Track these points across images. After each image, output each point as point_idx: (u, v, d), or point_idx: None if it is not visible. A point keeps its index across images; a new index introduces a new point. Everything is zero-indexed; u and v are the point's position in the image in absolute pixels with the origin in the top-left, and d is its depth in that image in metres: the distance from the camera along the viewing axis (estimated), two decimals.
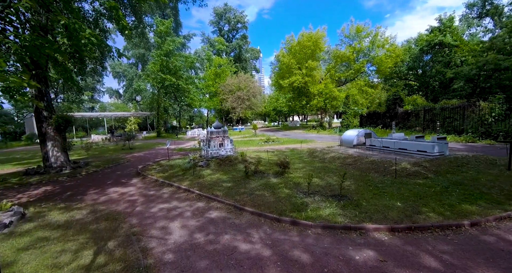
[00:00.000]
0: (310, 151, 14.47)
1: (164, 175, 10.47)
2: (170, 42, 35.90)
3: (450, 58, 37.43)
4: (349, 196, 6.74)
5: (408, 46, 42.70)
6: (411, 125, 25.73)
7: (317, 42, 36.14)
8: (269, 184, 8.26)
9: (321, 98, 35.91)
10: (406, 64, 46.26)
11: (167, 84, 36.42)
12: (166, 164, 13.14)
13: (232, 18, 75.27)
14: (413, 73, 48.36)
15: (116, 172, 12.34)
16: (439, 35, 37.90)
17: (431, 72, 45.33)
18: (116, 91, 75.61)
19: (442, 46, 38.57)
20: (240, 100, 49.59)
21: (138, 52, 53.83)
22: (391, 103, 28.85)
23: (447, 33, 38.09)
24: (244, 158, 11.86)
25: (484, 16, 46.25)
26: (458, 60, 36.84)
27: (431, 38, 38.69)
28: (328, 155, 12.46)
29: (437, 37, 37.72)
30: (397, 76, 49.07)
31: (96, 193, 8.65)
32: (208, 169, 10.67)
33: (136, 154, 19.11)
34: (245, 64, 77.23)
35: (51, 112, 12.89)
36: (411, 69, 46.43)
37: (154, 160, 15.57)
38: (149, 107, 47.19)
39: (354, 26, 37.61)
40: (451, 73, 32.87)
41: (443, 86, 40.47)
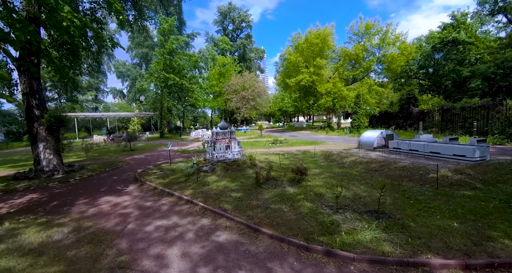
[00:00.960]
0: (325, 154, 13.19)
1: (164, 181, 9.30)
2: (173, 41, 34.89)
3: (464, 56, 35.81)
4: (388, 212, 5.48)
5: (418, 44, 41.06)
6: (427, 126, 24.28)
7: (325, 39, 34.82)
8: (286, 194, 7.03)
9: (330, 98, 34.55)
10: (417, 63, 44.75)
11: (171, 83, 35.40)
12: (167, 168, 11.99)
13: (236, 17, 74.20)
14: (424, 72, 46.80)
15: (113, 177, 11.20)
16: (452, 32, 36.32)
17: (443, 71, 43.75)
18: (120, 91, 75.03)
19: (456, 44, 36.96)
20: (245, 100, 48.40)
21: (141, 51, 53.00)
22: (404, 102, 27.40)
23: (461, 29, 36.48)
24: (253, 162, 10.64)
25: (497, 13, 44.34)
26: (473, 58, 35.21)
27: (444, 35, 37.12)
28: (347, 158, 11.18)
29: (450, 34, 36.15)
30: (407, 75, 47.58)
31: (86, 204, 7.50)
32: (213, 175, 9.48)
33: (136, 156, 18.02)
34: (249, 64, 76.09)
35: (43, 111, 11.82)
36: (422, 67, 44.88)
37: (155, 163, 14.44)
38: (152, 108, 46.30)
39: (363, 23, 36.23)
40: (467, 71, 31.30)
41: (456, 85, 38.85)
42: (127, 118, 49.62)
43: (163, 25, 35.36)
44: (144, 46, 53.06)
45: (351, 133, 28.56)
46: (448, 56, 37.49)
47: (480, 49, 35.14)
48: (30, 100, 11.95)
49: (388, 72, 36.14)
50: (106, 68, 70.96)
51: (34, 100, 12.01)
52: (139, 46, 53.81)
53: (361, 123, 28.93)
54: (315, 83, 34.82)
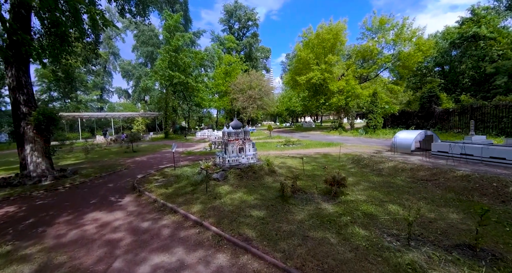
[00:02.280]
0: (353, 157, 11.45)
1: (167, 192, 7.71)
2: (179, 37, 33.50)
3: (485, 52, 33.66)
4: (489, 248, 3.77)
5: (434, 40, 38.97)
6: (452, 126, 22.35)
7: (338, 34, 33.03)
8: (324, 214, 5.37)
9: (342, 96, 32.71)
10: (433, 60, 42.65)
11: (176, 82, 34.01)
12: (171, 174, 10.41)
13: (242, 15, 72.73)
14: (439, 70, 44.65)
15: (108, 184, 9.66)
16: (473, 26, 34.16)
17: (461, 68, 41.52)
18: (125, 91, 74.15)
19: (476, 39, 34.82)
20: (251, 99, 46.72)
21: (146, 50, 51.82)
22: (425, 101, 25.44)
23: (482, 24, 34.31)
24: (272, 168, 8.99)
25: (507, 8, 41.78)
26: (495, 54, 33.04)
27: (464, 30, 35.00)
28: (383, 164, 9.45)
29: (471, 29, 34.02)
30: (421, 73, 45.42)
31: (68, 222, 5.94)
32: (225, 184, 7.85)
33: (138, 159, 16.51)
34: (255, 63, 74.55)
35: (31, 108, 10.35)
36: (438, 65, 42.77)
37: (158, 166, 12.88)
38: (157, 107, 45.02)
39: (377, 18, 34.27)
40: (491, 67, 29.26)
41: (476, 83, 36.68)
42: (131, 118, 48.44)
43: (168, 21, 34.01)
44: (150, 44, 51.90)
45: (368, 134, 26.69)
46: (468, 52, 35.36)
47: (503, 45, 32.99)
48: (17, 95, 10.50)
49: (403, 70, 34.08)
50: (111, 68, 70.20)
51: (22, 96, 10.56)
52: (144, 44, 52.70)
53: (378, 123, 27.04)
54: (326, 81, 33.01)
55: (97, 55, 12.26)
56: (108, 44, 65.08)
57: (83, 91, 58.64)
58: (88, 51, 12.05)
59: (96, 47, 12.02)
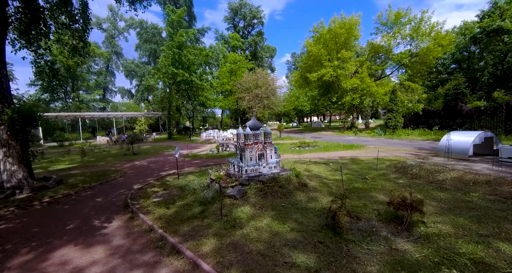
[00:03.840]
0: (395, 164, 9.49)
1: (168, 214, 5.83)
2: (183, 33, 31.71)
3: (510, 46, 31.35)
4: None
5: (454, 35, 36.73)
6: (484, 126, 20.20)
7: (351, 29, 31.00)
8: (407, 261, 3.44)
9: (357, 95, 30.65)
10: (452, 56, 40.39)
11: (179, 80, 32.21)
12: (174, 185, 8.55)
13: (247, 13, 70.90)
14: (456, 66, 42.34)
15: (96, 198, 7.82)
16: (497, 19, 31.84)
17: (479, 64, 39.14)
18: (128, 91, 72.79)
19: (499, 33, 32.51)
20: (258, 98, 44.82)
21: (149, 47, 50.23)
22: (451, 99, 23.29)
23: (506, 17, 31.99)
24: (303, 181, 7.07)
25: None
26: None
27: (486, 24, 32.67)
28: (442, 174, 7.49)
29: (495, 22, 31.68)
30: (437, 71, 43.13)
31: (22, 268, 4.08)
32: (245, 204, 5.95)
33: (138, 163, 14.69)
34: (260, 62, 72.72)
35: (4, 106, 8.55)
36: (456, 61, 40.49)
37: (159, 173, 11.04)
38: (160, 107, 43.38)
39: (393, 11, 32.17)
40: None
41: (499, 80, 34.34)
42: (134, 119, 46.89)
43: (171, 17, 32.27)
44: (153, 42, 50.32)
45: (387, 134, 24.61)
46: (491, 47, 33.08)
47: None
48: None
49: (421, 66, 31.86)
50: (114, 67, 68.94)
51: None
52: (147, 42, 51.11)
53: (398, 123, 24.94)
54: (339, 78, 30.96)
55: (86, 44, 10.43)
56: (111, 43, 63.76)
57: (85, 91, 57.35)
58: (75, 39, 10.25)
59: (84, 34, 10.20)
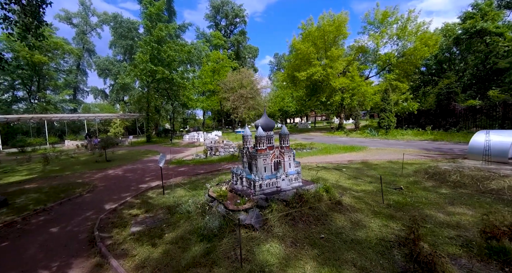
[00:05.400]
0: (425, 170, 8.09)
1: (155, 256, 3.90)
2: (162, 27, 29.21)
3: (492, 47, 32.00)
4: None
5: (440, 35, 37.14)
6: (480, 125, 19.81)
7: (340, 26, 30.17)
8: None
9: (348, 94, 29.79)
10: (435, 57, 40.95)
11: (159, 77, 29.60)
12: (159, 204, 6.55)
13: (230, 11, 69.00)
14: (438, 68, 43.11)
15: (51, 228, 5.65)
16: (480, 21, 32.39)
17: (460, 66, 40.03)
18: (101, 91, 68.02)
19: (481, 35, 33.14)
20: (243, 99, 43.12)
21: (125, 43, 46.71)
22: (443, 98, 22.87)
23: (488, 19, 32.68)
24: (336, 198, 5.38)
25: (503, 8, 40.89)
26: (502, 50, 31.42)
27: (469, 25, 33.15)
28: (495, 181, 6.19)
29: (478, 24, 32.17)
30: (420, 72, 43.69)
31: None
32: (271, 239, 4.14)
33: (111, 172, 12.36)
34: (243, 62, 71.05)
35: None
36: (439, 62, 41.11)
37: (139, 186, 8.92)
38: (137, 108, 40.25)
39: (380, 11, 31.84)
40: (505, 62, 27.36)
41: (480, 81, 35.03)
42: (109, 121, 43.29)
43: (149, 9, 29.68)
44: (129, 37, 46.88)
45: (380, 135, 23.77)
46: (474, 48, 33.63)
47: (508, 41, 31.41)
48: None
49: (408, 66, 31.72)
50: (86, 66, 64.11)
51: None
52: (122, 38, 47.49)
53: (391, 123, 24.20)
54: (329, 77, 29.94)
55: (41, 23, 8.14)
56: (82, 40, 59.22)
57: (52, 90, 52.51)
58: (28, 16, 7.94)
59: (38, 9, 7.92)
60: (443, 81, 24.11)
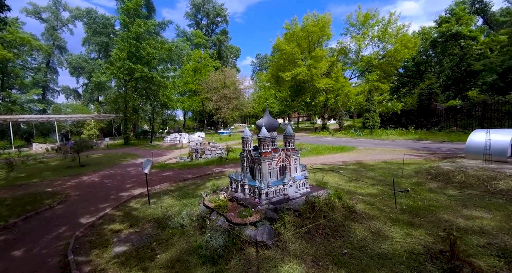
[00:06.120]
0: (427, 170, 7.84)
1: None
2: (140, 22, 27.73)
3: (467, 50, 33.60)
4: None
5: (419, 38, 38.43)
6: (460, 125, 20.45)
7: (324, 28, 30.26)
8: None
9: (331, 95, 29.90)
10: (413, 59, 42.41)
11: (138, 76, 28.03)
12: (145, 216, 5.71)
13: (211, 10, 67.67)
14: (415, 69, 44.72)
15: (12, 252, 4.65)
16: (455, 25, 33.83)
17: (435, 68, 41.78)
18: (74, 90, 63.88)
19: (456, 38, 34.68)
20: (226, 99, 42.22)
21: (100, 40, 44.10)
22: (425, 98, 23.47)
23: (462, 23, 34.22)
24: (349, 204, 4.87)
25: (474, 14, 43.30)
26: (475, 52, 33.08)
27: (445, 28, 34.55)
28: (502, 181, 6.01)
29: (453, 27, 33.57)
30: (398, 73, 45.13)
31: None
32: (288, 258, 3.52)
33: (86, 178, 11.16)
34: (225, 62, 69.92)
35: None
36: (418, 64, 42.63)
37: (119, 195, 7.96)
38: (114, 108, 37.97)
39: (362, 13, 32.34)
40: (480, 65, 28.66)
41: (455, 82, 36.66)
42: (82, 122, 40.59)
43: (127, 3, 28.07)
44: (104, 34, 44.34)
45: (365, 134, 23.97)
46: (449, 50, 35.13)
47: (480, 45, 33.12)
48: None
49: (389, 67, 32.51)
50: (56, 63, 59.90)
51: None
52: (97, 34, 44.81)
53: (376, 123, 24.50)
54: (313, 77, 29.91)
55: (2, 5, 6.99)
56: (52, 36, 55.27)
57: (18, 89, 48.49)
58: None
59: None
60: (424, 82, 24.74)
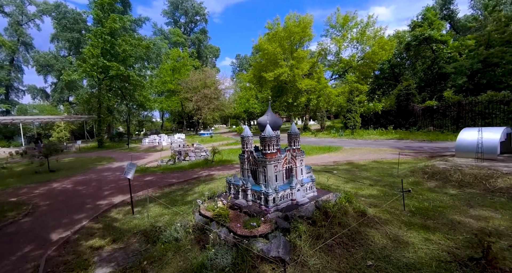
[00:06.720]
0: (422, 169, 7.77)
1: None
2: (116, 17, 26.16)
3: (438, 54, 35.38)
4: None
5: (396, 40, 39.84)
6: (436, 124, 21.27)
7: (306, 28, 30.44)
8: None
9: (313, 96, 30.08)
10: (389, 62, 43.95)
11: (113, 74, 26.38)
12: (129, 228, 4.99)
13: (189, 9, 66.14)
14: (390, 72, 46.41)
15: None
16: (428, 29, 35.47)
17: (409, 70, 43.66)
18: (41, 90, 59.35)
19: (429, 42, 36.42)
20: (207, 99, 41.19)
21: (71, 36, 41.22)
22: (403, 99, 24.24)
23: (434, 27, 35.99)
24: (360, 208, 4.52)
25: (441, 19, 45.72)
26: (446, 56, 34.92)
27: (418, 32, 36.14)
28: (500, 179, 6.03)
29: (426, 31, 35.17)
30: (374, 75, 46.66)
31: None
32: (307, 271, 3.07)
33: (57, 185, 10.03)
34: (205, 62, 68.65)
35: None
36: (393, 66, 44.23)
37: (96, 203, 7.10)
38: (86, 109, 35.51)
39: (341, 15, 32.99)
40: (451, 67, 30.18)
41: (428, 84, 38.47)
42: (51, 124, 37.70)
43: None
44: (75, 30, 41.54)
45: (347, 134, 24.29)
46: (423, 53, 36.79)
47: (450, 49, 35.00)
48: None
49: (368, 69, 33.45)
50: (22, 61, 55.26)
51: None
52: (67, 30, 41.82)
53: (357, 123, 24.93)
54: (296, 78, 29.94)
55: None
56: (16, 32, 50.96)
57: None
58: None
59: None
60: (402, 84, 25.55)
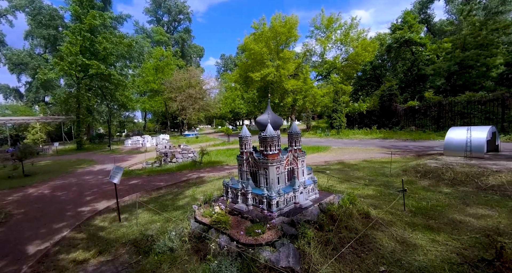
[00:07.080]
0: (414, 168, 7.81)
1: None
2: (95, 13, 25.03)
3: (417, 56, 36.67)
4: None
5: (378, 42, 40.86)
6: (418, 124, 21.93)
7: (291, 29, 30.55)
8: None
9: (299, 96, 30.22)
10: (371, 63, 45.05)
11: (93, 73, 25.18)
12: (116, 238, 4.58)
13: (173, 7, 64.79)
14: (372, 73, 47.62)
15: None
16: (408, 32, 36.67)
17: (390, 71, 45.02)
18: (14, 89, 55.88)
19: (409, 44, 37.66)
20: (192, 99, 40.42)
21: (47, 33, 39.01)
22: (386, 99, 24.87)
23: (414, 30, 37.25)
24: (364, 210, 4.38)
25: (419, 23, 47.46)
26: (425, 58, 36.27)
27: (399, 35, 37.28)
28: (491, 177, 6.16)
29: (406, 34, 36.34)
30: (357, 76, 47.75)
31: None
32: None
33: (33, 190, 9.30)
34: (189, 61, 67.47)
35: None
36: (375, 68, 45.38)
37: (77, 210, 6.57)
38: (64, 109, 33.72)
39: (325, 16, 33.41)
40: (430, 69, 31.33)
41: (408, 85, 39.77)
42: (25, 125, 35.52)
43: None
44: (51, 27, 39.36)
45: (332, 134, 24.57)
46: (403, 55, 38.00)
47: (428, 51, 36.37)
48: None
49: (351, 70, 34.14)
50: None
51: None
52: (42, 27, 39.47)
53: (343, 123, 25.29)
54: (282, 78, 29.97)
55: None
56: None
57: None
58: None
59: None
60: (385, 84, 26.19)
